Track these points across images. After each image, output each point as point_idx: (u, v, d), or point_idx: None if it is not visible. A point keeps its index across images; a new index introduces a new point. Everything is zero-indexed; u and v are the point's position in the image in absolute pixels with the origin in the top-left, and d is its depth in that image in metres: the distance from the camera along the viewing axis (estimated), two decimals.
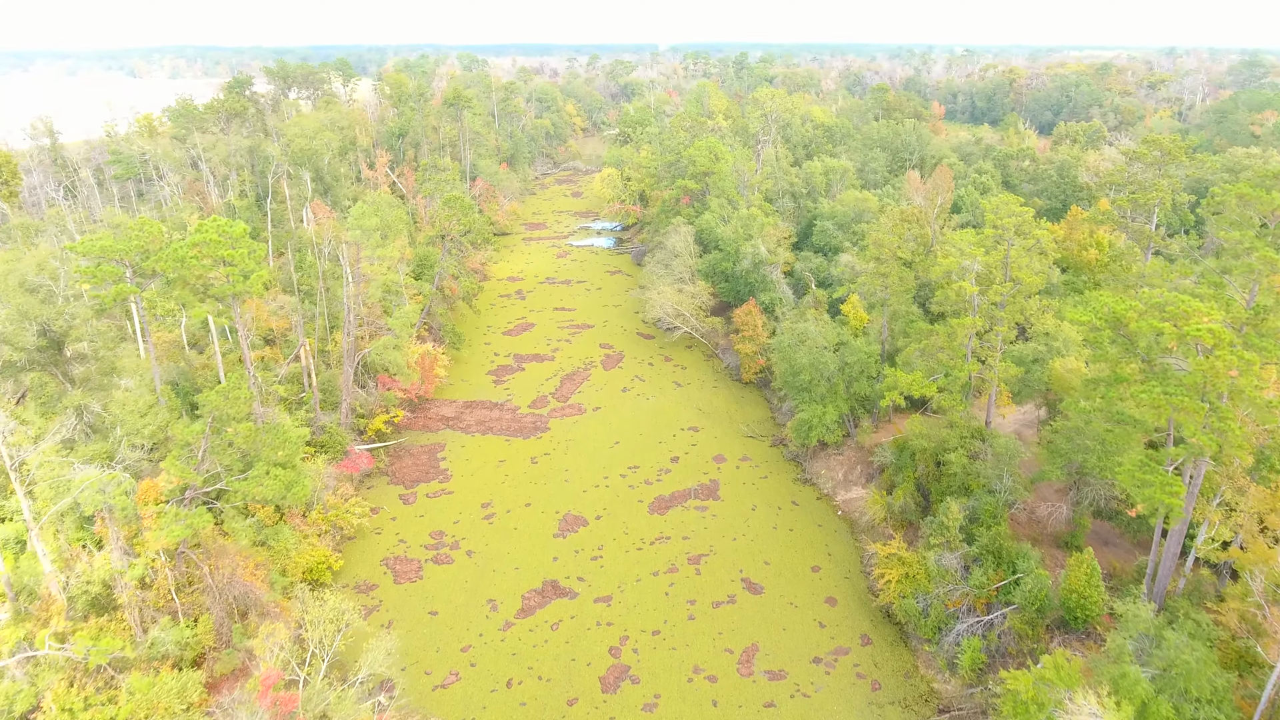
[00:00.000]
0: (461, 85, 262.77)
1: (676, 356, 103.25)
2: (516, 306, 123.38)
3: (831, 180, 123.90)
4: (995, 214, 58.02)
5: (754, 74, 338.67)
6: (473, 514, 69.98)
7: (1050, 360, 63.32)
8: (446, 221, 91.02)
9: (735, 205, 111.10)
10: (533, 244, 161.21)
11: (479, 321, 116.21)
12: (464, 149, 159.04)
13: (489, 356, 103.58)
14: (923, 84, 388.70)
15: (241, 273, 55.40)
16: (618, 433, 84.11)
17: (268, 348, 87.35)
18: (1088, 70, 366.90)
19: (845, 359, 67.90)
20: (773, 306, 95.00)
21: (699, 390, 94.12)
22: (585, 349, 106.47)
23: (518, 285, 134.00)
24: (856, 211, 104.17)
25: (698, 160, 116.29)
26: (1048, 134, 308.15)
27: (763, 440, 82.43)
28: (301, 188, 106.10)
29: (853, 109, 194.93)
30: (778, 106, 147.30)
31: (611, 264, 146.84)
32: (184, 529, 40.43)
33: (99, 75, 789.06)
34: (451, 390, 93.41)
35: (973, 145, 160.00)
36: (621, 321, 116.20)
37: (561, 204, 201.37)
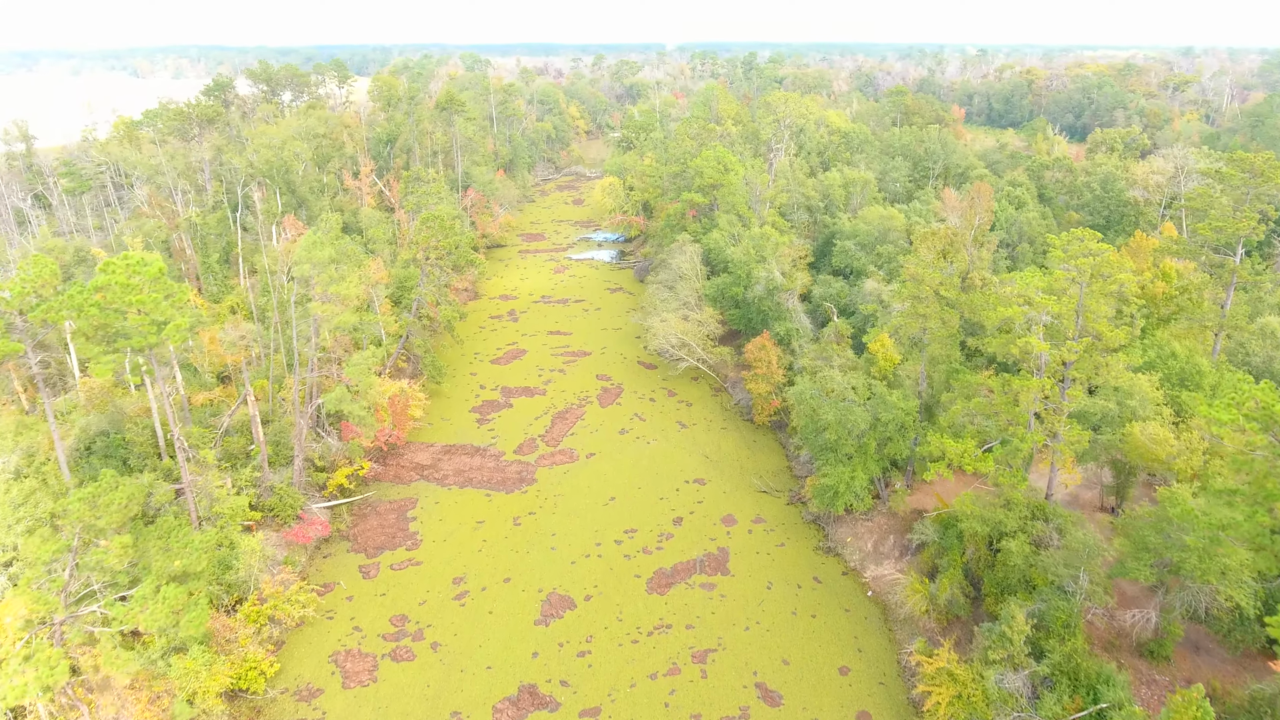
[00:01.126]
0: (458, 87, 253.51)
1: (681, 391, 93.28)
2: (508, 330, 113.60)
3: (851, 193, 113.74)
4: (1066, 251, 47.96)
5: (763, 75, 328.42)
6: (442, 591, 60.20)
7: (1124, 421, 53.12)
8: (424, 242, 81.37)
9: (746, 222, 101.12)
10: (529, 257, 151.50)
11: (466, 348, 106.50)
12: (456, 156, 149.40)
13: (474, 390, 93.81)
14: (937, 85, 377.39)
15: (154, 322, 45.78)
16: (614, 485, 74.23)
17: (221, 387, 77.90)
18: (1108, 71, 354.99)
19: (878, 414, 57.81)
20: (789, 338, 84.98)
21: (706, 432, 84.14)
22: (581, 381, 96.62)
23: (510, 305, 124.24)
24: (881, 230, 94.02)
25: (705, 171, 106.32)
26: (1071, 138, 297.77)
27: (778, 497, 72.39)
28: (272, 202, 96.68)
29: (869, 113, 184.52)
30: (791, 111, 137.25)
31: (612, 280, 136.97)
32: (25, 686, 30.87)
33: (102, 75, 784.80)
34: (429, 432, 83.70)
35: (998, 153, 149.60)
36: (621, 348, 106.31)
37: (561, 212, 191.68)
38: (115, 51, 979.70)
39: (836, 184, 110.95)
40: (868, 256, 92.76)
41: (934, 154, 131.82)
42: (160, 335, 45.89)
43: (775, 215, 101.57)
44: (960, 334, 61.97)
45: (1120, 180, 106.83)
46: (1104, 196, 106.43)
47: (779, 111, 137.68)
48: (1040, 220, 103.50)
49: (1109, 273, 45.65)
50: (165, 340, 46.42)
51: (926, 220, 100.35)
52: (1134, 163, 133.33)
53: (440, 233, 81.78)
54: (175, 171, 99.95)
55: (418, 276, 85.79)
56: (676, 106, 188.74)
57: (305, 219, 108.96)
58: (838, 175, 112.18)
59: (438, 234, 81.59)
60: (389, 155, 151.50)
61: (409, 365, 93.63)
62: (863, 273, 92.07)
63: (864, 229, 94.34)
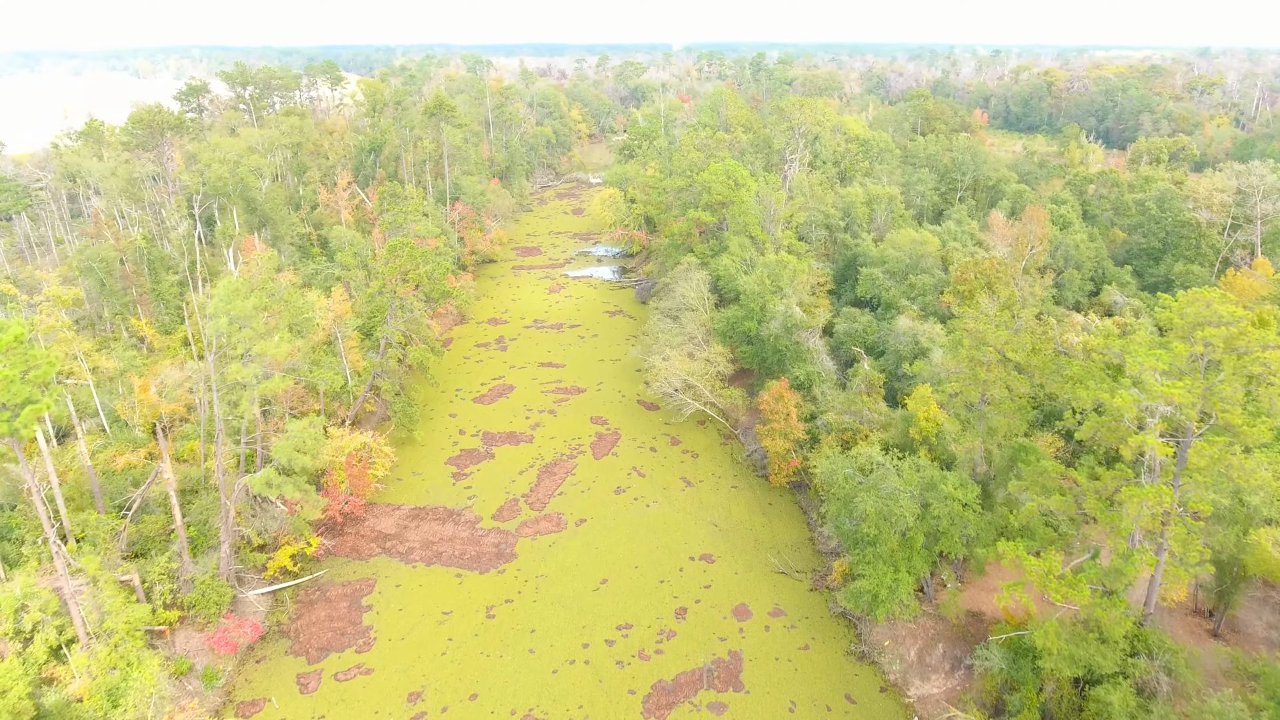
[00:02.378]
0: (454, 90, 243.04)
1: (686, 438, 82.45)
2: (495, 361, 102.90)
3: (875, 210, 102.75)
4: (1185, 316, 36.98)
5: (772, 77, 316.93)
6: (394, 712, 49.54)
7: (1244, 526, 42.11)
8: (391, 273, 70.81)
9: (759, 245, 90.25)
10: (523, 274, 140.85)
11: (447, 383, 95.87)
12: (446, 165, 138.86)
13: (452, 436, 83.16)
14: (951, 87, 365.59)
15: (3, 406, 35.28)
16: (606, 563, 63.46)
17: (153, 443, 67.37)
18: (1129, 73, 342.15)
19: (929, 506, 46.90)
20: (810, 384, 74.10)
21: (714, 491, 73.29)
22: (573, 424, 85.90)
23: (500, 330, 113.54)
24: (913, 256, 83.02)
25: (713, 187, 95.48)
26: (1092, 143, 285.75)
27: (799, 580, 61.48)
28: (228, 223, 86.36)
29: (887, 118, 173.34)
30: (806, 118, 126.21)
31: (612, 301, 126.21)
32: None
33: (104, 75, 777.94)
34: (397, 490, 73.06)
35: (1029, 161, 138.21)
36: (619, 383, 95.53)
37: (560, 223, 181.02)
38: (118, 51, 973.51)
39: (859, 200, 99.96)
40: (899, 287, 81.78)
41: (963, 165, 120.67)
42: (14, 424, 35.46)
43: (791, 236, 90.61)
44: (1030, 406, 50.79)
45: (1178, 199, 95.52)
46: (1160, 217, 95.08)
47: (793, 118, 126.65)
48: (1089, 244, 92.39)
49: (1247, 348, 34.82)
50: (22, 427, 35.96)
51: (962, 243, 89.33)
52: (1182, 175, 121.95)
53: (411, 261, 71.22)
54: (123, 187, 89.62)
55: (387, 308, 75.21)
56: (682, 110, 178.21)
57: (269, 240, 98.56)
58: (860, 191, 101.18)
59: (408, 263, 71.05)
60: (374, 164, 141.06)
61: (379, 407, 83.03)
62: (893, 306, 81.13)
63: (893, 255, 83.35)
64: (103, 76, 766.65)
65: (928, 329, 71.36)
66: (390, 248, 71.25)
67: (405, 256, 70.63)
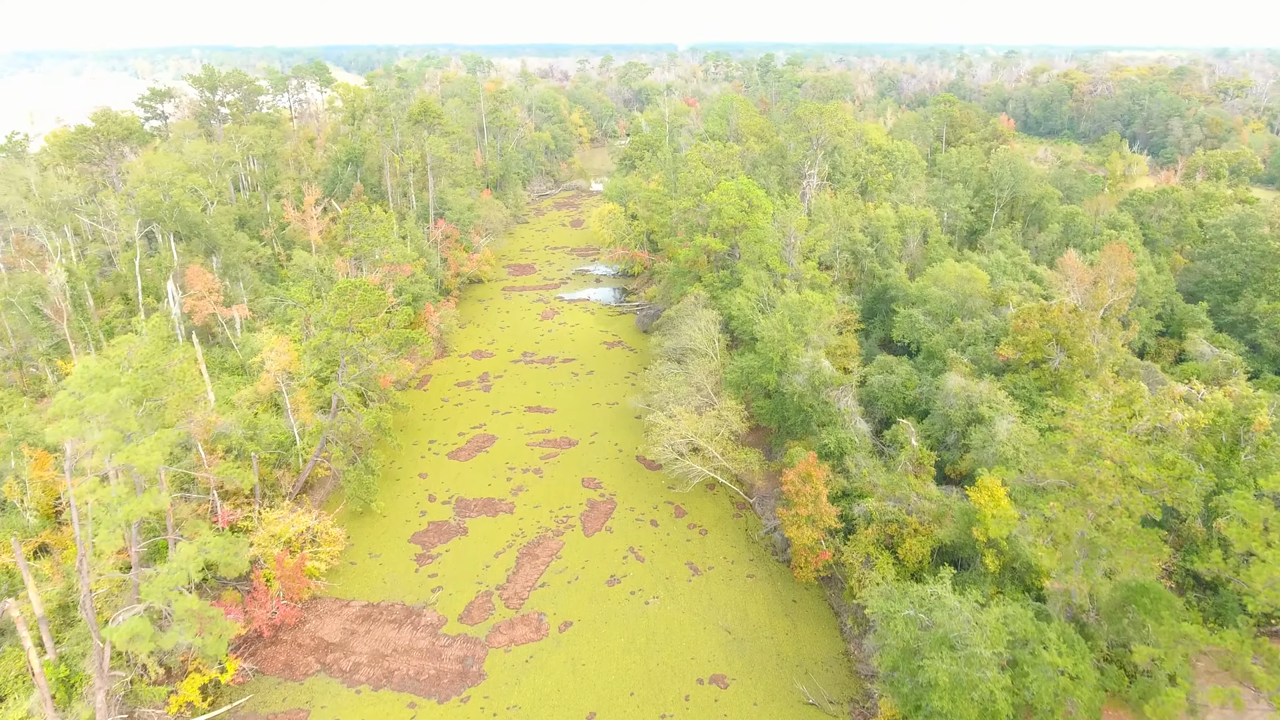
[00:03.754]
0: (447, 93, 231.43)
1: (693, 508, 70.40)
2: (476, 404, 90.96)
3: (908, 234, 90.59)
4: None
5: (782, 79, 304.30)
6: None
7: None
8: (340, 321, 58.90)
9: (777, 278, 78.18)
10: (514, 296, 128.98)
11: (420, 433, 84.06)
12: (430, 178, 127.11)
13: (420, 503, 71.25)
14: (967, 89, 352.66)
15: None
16: (595, 688, 51.49)
17: (56, 530, 55.53)
18: (1150, 74, 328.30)
19: (1022, 671, 34.79)
20: (841, 452, 62.01)
21: (726, 583, 61.22)
22: (562, 487, 73.97)
23: (484, 366, 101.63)
24: (959, 296, 70.79)
25: (724, 210, 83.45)
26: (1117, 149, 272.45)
27: (834, 715, 49.42)
28: (164, 252, 74.78)
29: (909, 125, 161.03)
30: (825, 128, 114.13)
31: (610, 329, 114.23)
32: None
33: (103, 76, 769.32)
34: (348, 579, 61.11)
35: (1070, 175, 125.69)
36: (616, 433, 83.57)
37: (557, 236, 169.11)
38: (119, 52, 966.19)
39: (889, 223, 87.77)
40: (943, 333, 69.59)
41: (1001, 180, 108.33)
42: None
43: (814, 268, 78.46)
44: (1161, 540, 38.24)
45: (1259, 224, 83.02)
46: (1239, 245, 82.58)
47: (811, 128, 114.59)
48: (1156, 277, 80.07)
49: None
50: None
51: (1014, 277, 77.07)
52: (1244, 191, 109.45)
53: (365, 306, 59.39)
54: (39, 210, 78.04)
55: (337, 361, 63.27)
56: (689, 116, 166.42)
57: (218, 268, 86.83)
58: (890, 213, 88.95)
59: (361, 308, 59.23)
60: (353, 176, 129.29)
61: (332, 475, 71.10)
62: (936, 355, 68.92)
63: (935, 294, 71.14)
64: (102, 77, 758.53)
65: (984, 390, 59.21)
66: (339, 290, 59.39)
67: (358, 301, 58.79)
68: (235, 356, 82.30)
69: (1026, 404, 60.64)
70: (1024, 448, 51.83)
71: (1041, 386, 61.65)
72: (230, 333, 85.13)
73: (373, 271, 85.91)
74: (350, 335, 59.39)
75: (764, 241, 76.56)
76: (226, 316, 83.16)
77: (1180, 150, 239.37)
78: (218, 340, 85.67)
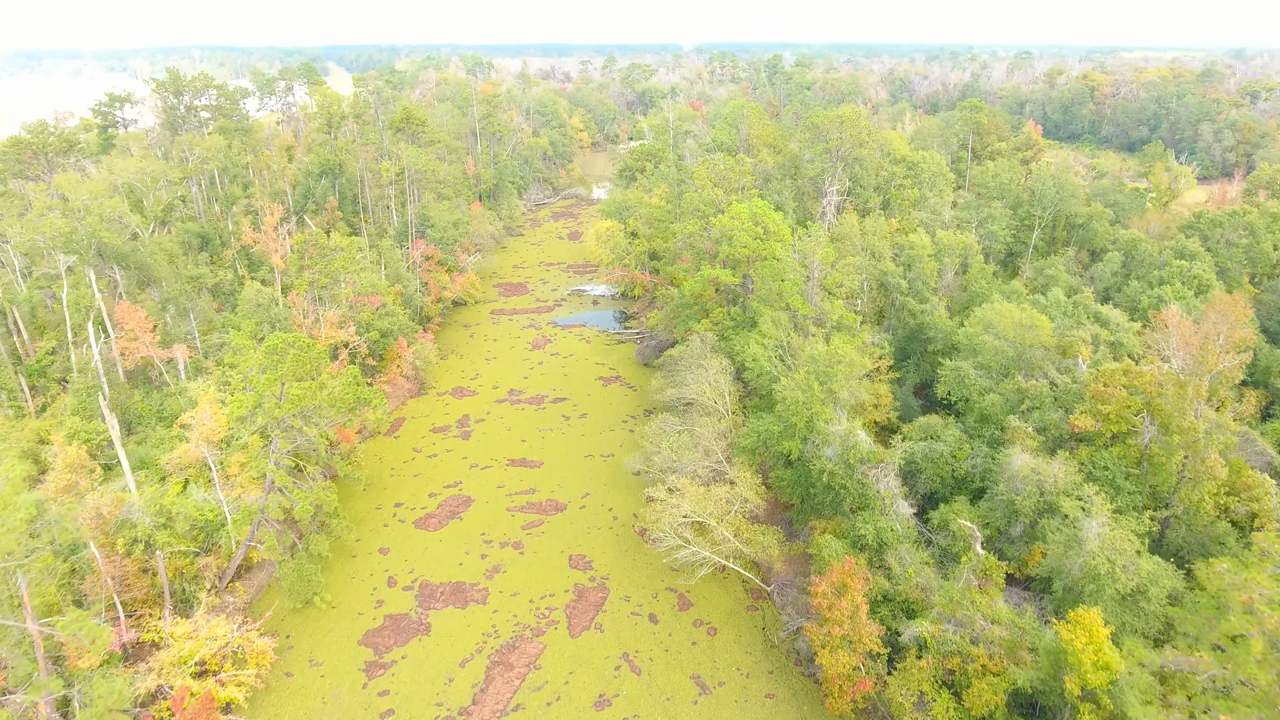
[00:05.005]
0: (441, 96, 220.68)
1: (700, 599, 59.23)
2: (452, 456, 79.98)
3: (945, 263, 79.35)
4: None
5: (791, 80, 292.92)
6: None
7: None
8: (268, 389, 47.97)
9: (798, 320, 67.00)
10: (503, 321, 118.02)
11: (385, 492, 73.15)
12: (412, 193, 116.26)
13: (377, 589, 60.23)
14: (982, 91, 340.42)
15: None
16: None
17: None
18: (1170, 75, 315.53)
19: None
20: (880, 545, 50.89)
21: (740, 708, 50.01)
22: (546, 568, 62.94)
23: (464, 407, 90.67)
24: (1017, 347, 59.49)
25: (736, 237, 72.34)
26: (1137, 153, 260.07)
27: None
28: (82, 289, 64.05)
29: (930, 132, 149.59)
30: (846, 138, 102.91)
31: (608, 361, 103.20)
32: None
33: (101, 76, 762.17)
34: (278, 698, 50.12)
35: (1116, 191, 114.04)
36: (611, 494, 72.52)
37: (553, 250, 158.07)
38: (120, 52, 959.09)
39: (924, 251, 76.50)
40: (999, 393, 58.30)
41: (1044, 198, 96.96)
42: None
43: (840, 306, 67.24)
44: None
45: None
46: None
47: (830, 138, 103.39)
48: (1272, 353, 68.59)
49: None
50: None
51: (1077, 319, 65.73)
52: None
53: (300, 368, 48.49)
54: None
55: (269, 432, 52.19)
56: (695, 122, 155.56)
57: (159, 303, 75.97)
58: (925, 239, 77.65)
59: (295, 371, 48.34)
60: (330, 190, 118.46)
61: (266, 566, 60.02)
62: (991, 419, 57.62)
63: (988, 343, 59.76)
64: (101, 77, 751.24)
65: (1059, 473, 48.02)
66: (268, 349, 48.45)
67: (290, 363, 47.91)
68: (175, 404, 71.49)
69: (1109, 488, 49.42)
70: (1121, 562, 40.67)
71: (1127, 467, 50.40)
72: (171, 376, 74.35)
73: (333, 306, 75.04)
74: (282, 404, 48.50)
75: (783, 277, 65.37)
76: (165, 358, 72.33)
77: (1211, 157, 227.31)
78: (156, 385, 74.88)
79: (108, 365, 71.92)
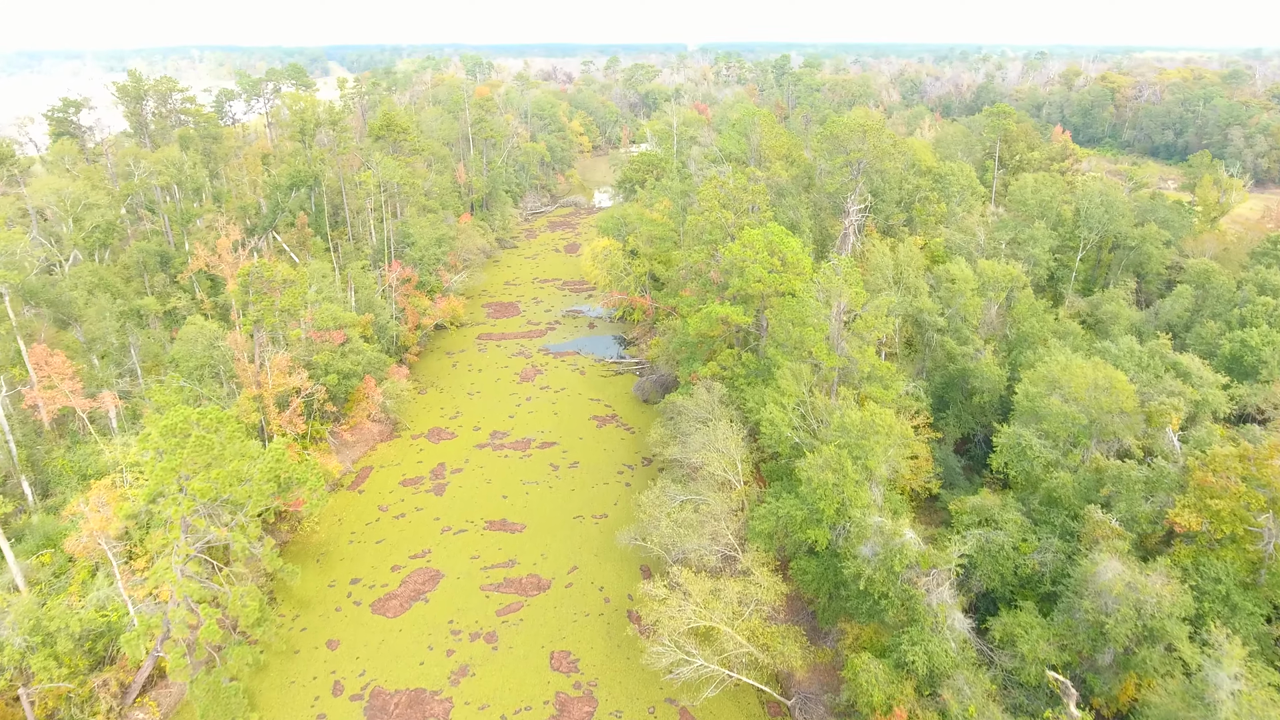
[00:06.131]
0: (433, 99, 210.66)
1: (708, 718, 49.04)
2: (422, 517, 69.89)
3: (988, 297, 69.03)
4: None
5: (800, 82, 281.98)
6: None
7: None
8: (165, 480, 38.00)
9: (821, 373, 56.73)
10: (490, 347, 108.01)
11: (339, 566, 63.18)
12: (397, 206, 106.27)
13: (319, 696, 50.15)
14: (997, 93, 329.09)
15: None
16: None
17: None
18: (1193, 77, 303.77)
19: None
20: (933, 673, 40.66)
21: None
22: (522, 671, 52.84)
23: (440, 453, 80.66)
24: (1090, 411, 49.07)
25: (748, 271, 62.14)
26: (1165, 160, 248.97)
27: None
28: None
29: (954, 140, 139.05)
30: (869, 149, 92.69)
31: (604, 396, 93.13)
32: None
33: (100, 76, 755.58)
34: None
35: (1164, 207, 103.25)
36: (602, 569, 62.39)
37: (548, 264, 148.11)
38: (120, 52, 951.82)
39: (965, 286, 66.13)
40: (1070, 467, 47.98)
41: (1091, 217, 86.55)
42: None
43: (873, 355, 56.94)
44: None
45: None
46: None
47: (851, 149, 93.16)
48: None
49: None
50: None
51: (1154, 372, 55.35)
52: None
53: (202, 455, 38.44)
54: None
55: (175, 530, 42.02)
56: (700, 128, 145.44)
57: (85, 344, 66.02)
58: (965, 271, 67.24)
59: (196, 459, 38.31)
60: (305, 203, 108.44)
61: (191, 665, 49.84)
62: (1062, 503, 47.34)
63: (1056, 410, 49.34)
64: (100, 78, 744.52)
65: (1160, 589, 37.77)
66: (166, 431, 38.47)
67: (190, 450, 37.95)
68: (101, 461, 61.57)
69: (1222, 605, 39.18)
70: None
71: (1244, 579, 40.13)
72: (98, 427, 64.49)
73: (283, 348, 64.99)
74: (183, 499, 38.55)
75: (805, 321, 55.16)
76: (88, 409, 62.42)
77: (1243, 163, 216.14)
78: (81, 439, 64.99)
79: (21, 416, 62.09)
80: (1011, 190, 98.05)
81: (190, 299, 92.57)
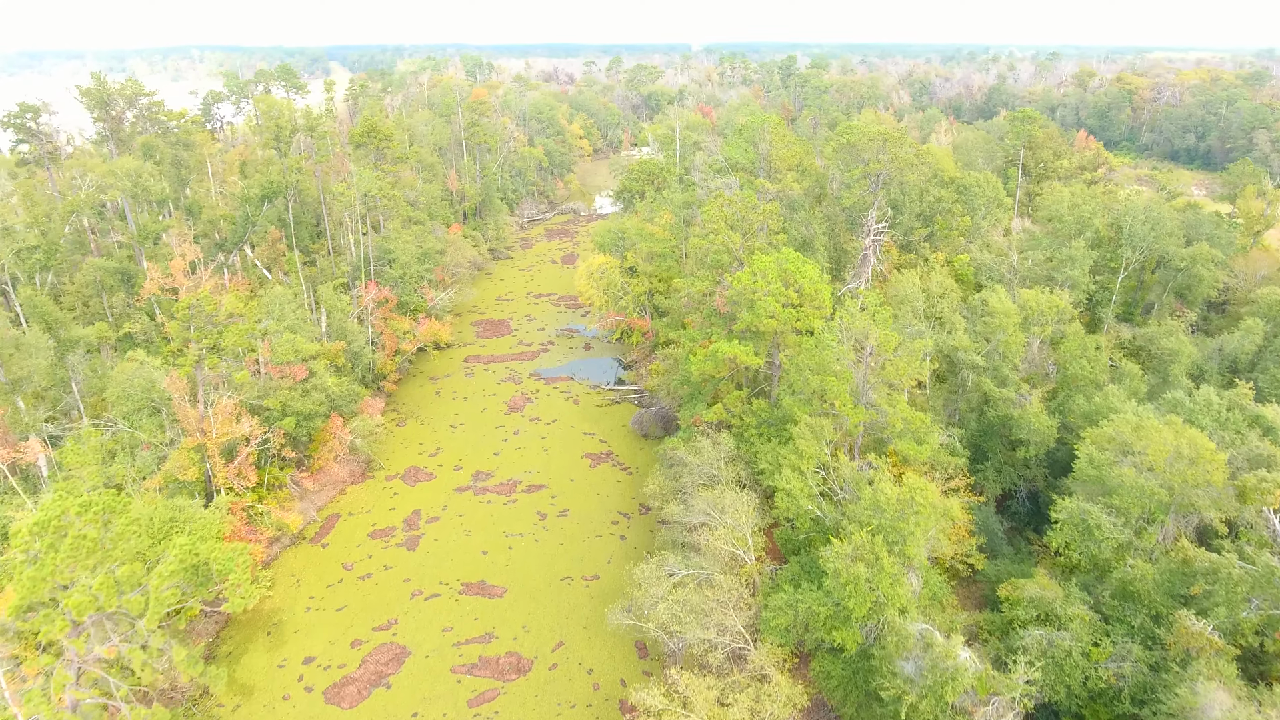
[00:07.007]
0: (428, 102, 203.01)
1: None
2: (390, 578, 62.03)
3: (1030, 330, 60.96)
4: None
5: (807, 83, 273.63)
6: None
7: None
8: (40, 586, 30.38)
9: (844, 432, 48.74)
10: (479, 371, 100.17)
11: (292, 641, 55.41)
12: (367, 221, 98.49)
13: None
14: (1009, 94, 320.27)
15: None
16: None
17: None
18: (1210, 78, 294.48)
19: None
20: None
21: None
22: None
23: (416, 498, 72.79)
24: (1174, 487, 40.95)
25: (759, 305, 54.19)
26: (1187, 165, 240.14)
27: None
28: None
29: (974, 146, 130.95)
30: (889, 160, 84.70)
31: (599, 429, 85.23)
32: None
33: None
34: None
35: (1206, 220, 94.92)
36: (590, 645, 54.49)
37: (544, 276, 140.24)
38: (121, 52, 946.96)
39: (1009, 320, 58.01)
40: (1152, 562, 39.94)
41: (1135, 235, 78.42)
42: None
43: (905, 405, 48.93)
44: None
45: None
46: None
47: (870, 160, 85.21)
48: None
49: None
50: None
51: (1235, 429, 47.26)
52: None
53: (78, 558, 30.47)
54: None
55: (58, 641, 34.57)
56: (705, 133, 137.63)
57: (4, 384, 58.35)
58: (1006, 303, 59.14)
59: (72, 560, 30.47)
60: (284, 215, 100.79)
61: None
62: (1140, 599, 39.31)
63: (1129, 481, 41.29)
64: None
65: None
66: (35, 528, 30.81)
67: (66, 551, 30.21)
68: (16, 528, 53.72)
69: None
70: None
71: None
72: (19, 484, 56.78)
73: (233, 392, 57.23)
74: (56, 615, 30.84)
75: (826, 371, 47.22)
76: (8, 460, 54.74)
77: (1269, 168, 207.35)
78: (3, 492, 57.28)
79: None
80: (1042, 203, 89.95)
81: (151, 322, 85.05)
